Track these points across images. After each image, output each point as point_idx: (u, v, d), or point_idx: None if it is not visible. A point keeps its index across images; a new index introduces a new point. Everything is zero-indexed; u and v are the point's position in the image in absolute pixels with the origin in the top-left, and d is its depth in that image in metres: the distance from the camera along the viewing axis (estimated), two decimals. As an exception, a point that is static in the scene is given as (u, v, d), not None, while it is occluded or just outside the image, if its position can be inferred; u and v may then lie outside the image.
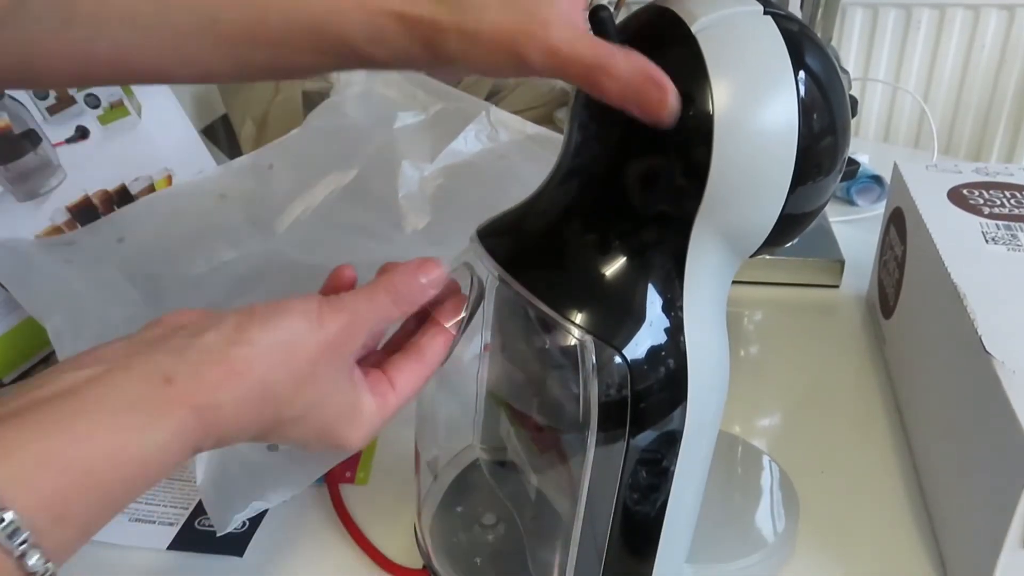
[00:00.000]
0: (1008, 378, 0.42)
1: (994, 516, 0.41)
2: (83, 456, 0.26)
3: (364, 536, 0.51)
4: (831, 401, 0.63)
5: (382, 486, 0.55)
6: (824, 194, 0.37)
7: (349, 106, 0.77)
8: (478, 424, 0.46)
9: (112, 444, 0.27)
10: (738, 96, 0.34)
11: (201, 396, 0.30)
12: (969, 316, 0.46)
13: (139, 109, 0.78)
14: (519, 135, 0.75)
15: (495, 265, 0.38)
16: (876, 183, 0.91)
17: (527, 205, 0.40)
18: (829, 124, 0.35)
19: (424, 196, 0.70)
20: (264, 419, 0.33)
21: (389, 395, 0.36)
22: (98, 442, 0.27)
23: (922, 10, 1.31)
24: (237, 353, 0.31)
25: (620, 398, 0.36)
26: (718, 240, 0.36)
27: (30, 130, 0.70)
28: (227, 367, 0.31)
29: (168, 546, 0.50)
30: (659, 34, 0.35)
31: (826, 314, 0.74)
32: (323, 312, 0.34)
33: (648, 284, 0.36)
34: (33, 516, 0.25)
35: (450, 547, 0.47)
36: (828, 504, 0.52)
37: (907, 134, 1.41)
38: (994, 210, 0.59)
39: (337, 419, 0.35)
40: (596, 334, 0.35)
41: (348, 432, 0.35)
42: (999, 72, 1.34)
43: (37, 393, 0.28)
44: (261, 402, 0.32)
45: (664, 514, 0.40)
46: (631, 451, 0.37)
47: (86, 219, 0.71)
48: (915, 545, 0.50)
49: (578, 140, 0.38)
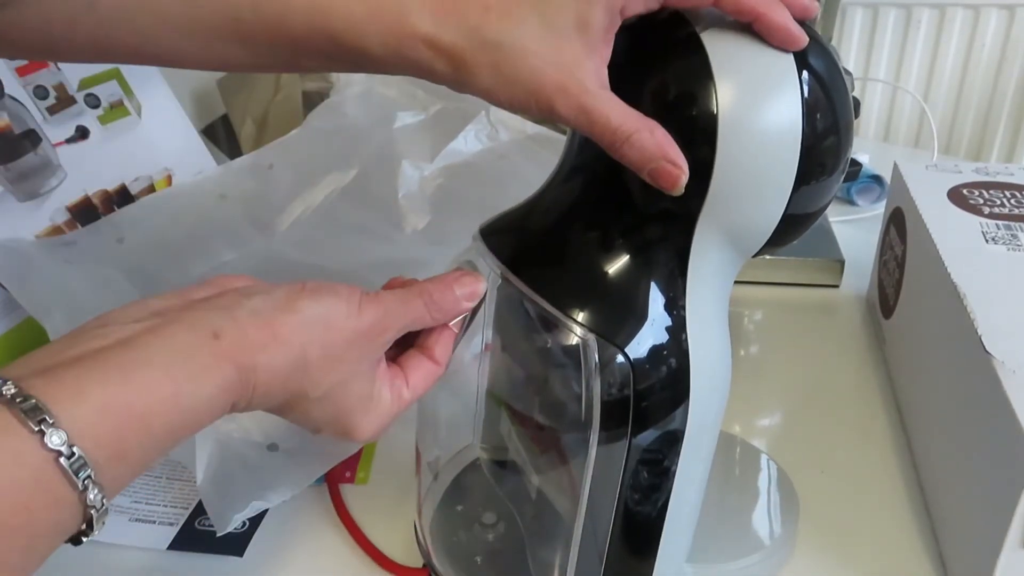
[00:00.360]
0: (1008, 378, 0.42)
1: (994, 516, 0.41)
2: (140, 403, 0.28)
3: (364, 536, 0.51)
4: (831, 401, 0.63)
5: (382, 486, 0.55)
6: (827, 194, 0.37)
7: (349, 106, 0.77)
8: (478, 424, 0.46)
9: (166, 393, 0.29)
10: (742, 96, 0.34)
11: (244, 356, 0.31)
12: (969, 316, 0.46)
13: (139, 109, 0.78)
14: (519, 135, 0.75)
15: (497, 263, 0.38)
16: (876, 183, 0.91)
17: (530, 203, 0.40)
18: (832, 124, 0.35)
19: (424, 196, 0.70)
20: (290, 390, 0.34)
21: (404, 391, 0.38)
22: (154, 391, 0.29)
23: (922, 10, 1.31)
24: (283, 320, 0.33)
25: (622, 397, 0.36)
26: (721, 239, 0.36)
27: (30, 130, 0.70)
28: (271, 332, 0.32)
29: (168, 546, 0.50)
30: (664, 34, 0.35)
31: (826, 314, 0.74)
32: (363, 301, 0.35)
33: (651, 283, 0.36)
34: (95, 454, 0.27)
35: (450, 546, 0.47)
36: (828, 504, 0.52)
37: (907, 134, 1.41)
38: (994, 210, 0.59)
39: (354, 406, 0.36)
40: (599, 332, 0.35)
41: (362, 421, 0.36)
42: (999, 72, 1.34)
43: (96, 343, 0.30)
44: (293, 372, 0.33)
45: (665, 514, 0.40)
46: (633, 450, 0.37)
47: (86, 219, 0.71)
48: (915, 545, 0.50)
49: (581, 138, 0.38)
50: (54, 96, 0.73)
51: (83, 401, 0.27)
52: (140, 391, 0.29)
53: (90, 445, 0.27)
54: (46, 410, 0.26)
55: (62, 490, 0.27)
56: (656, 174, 0.33)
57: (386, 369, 0.37)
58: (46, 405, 0.26)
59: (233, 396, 0.32)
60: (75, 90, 0.75)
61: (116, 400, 0.28)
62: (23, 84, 0.72)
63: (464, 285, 0.38)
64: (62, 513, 0.27)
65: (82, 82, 0.75)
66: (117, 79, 0.78)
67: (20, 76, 0.72)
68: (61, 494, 0.27)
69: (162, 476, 0.55)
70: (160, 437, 0.29)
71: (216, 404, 0.31)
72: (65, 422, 0.26)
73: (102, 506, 0.28)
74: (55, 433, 0.26)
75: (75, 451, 0.26)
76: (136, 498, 0.53)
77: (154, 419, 0.29)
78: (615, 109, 0.33)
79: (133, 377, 0.29)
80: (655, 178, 0.33)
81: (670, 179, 0.33)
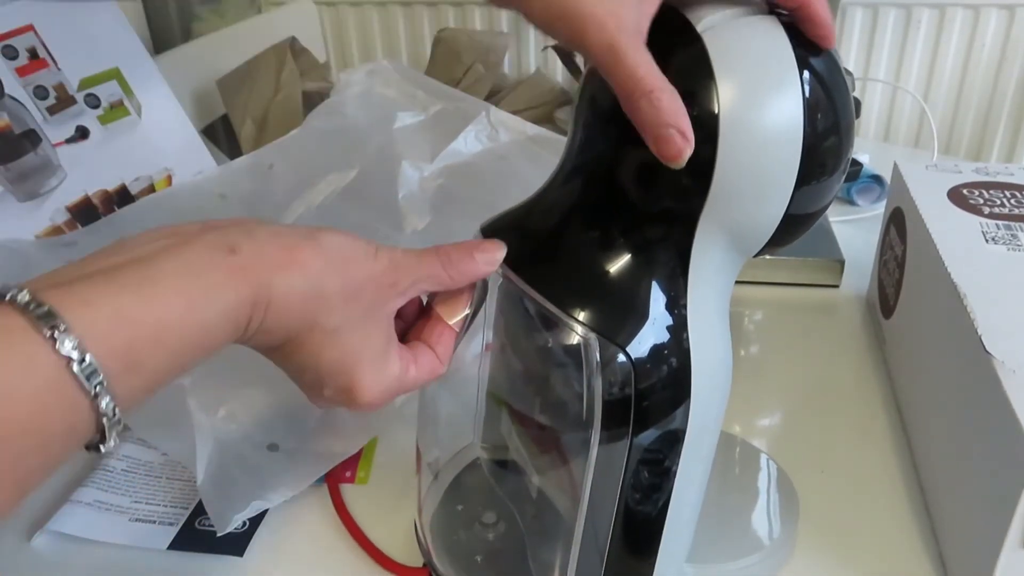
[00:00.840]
0: (1008, 378, 0.42)
1: (994, 516, 0.41)
2: (153, 316, 0.29)
3: (364, 535, 0.51)
4: (831, 401, 0.63)
5: (382, 485, 0.55)
6: (828, 194, 0.37)
7: (349, 106, 0.77)
8: (478, 423, 0.46)
9: (180, 307, 0.29)
10: (743, 95, 0.34)
11: (260, 272, 0.32)
12: (969, 316, 0.47)
13: (139, 109, 0.79)
14: (519, 135, 0.75)
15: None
16: (876, 183, 0.91)
17: (531, 203, 0.40)
18: (833, 124, 0.35)
19: (424, 196, 0.70)
20: (304, 317, 0.33)
21: (412, 368, 0.37)
22: (167, 305, 0.29)
23: (922, 10, 1.31)
24: (303, 244, 0.33)
25: (624, 396, 0.36)
26: (723, 238, 0.36)
27: (30, 130, 0.70)
28: (289, 254, 0.33)
29: (168, 546, 0.50)
30: (666, 33, 0.35)
31: (826, 314, 0.74)
32: (379, 248, 0.36)
33: (652, 282, 0.36)
34: (107, 363, 0.27)
35: (451, 545, 0.47)
36: (828, 504, 0.52)
37: (907, 134, 1.41)
38: (994, 210, 0.59)
39: (364, 359, 0.35)
40: (600, 332, 0.35)
41: (367, 378, 0.36)
42: (999, 72, 1.34)
43: (115, 259, 0.30)
44: (308, 298, 0.33)
45: (666, 513, 0.40)
46: (633, 450, 0.37)
47: (86, 219, 0.71)
48: (915, 545, 0.50)
49: (582, 138, 0.38)
50: (54, 96, 0.73)
51: (96, 311, 0.28)
52: (153, 304, 0.29)
53: (102, 353, 0.27)
54: (59, 317, 0.27)
55: (75, 396, 0.27)
56: (663, 140, 0.32)
57: (398, 342, 0.37)
58: (59, 313, 0.27)
59: (247, 313, 0.32)
60: (75, 90, 0.75)
61: (129, 311, 0.28)
62: (23, 84, 0.72)
63: (484, 250, 0.38)
64: (75, 418, 0.27)
65: (82, 82, 0.76)
66: (117, 79, 0.78)
67: (20, 76, 0.72)
68: (74, 400, 0.27)
69: (162, 476, 0.55)
70: (173, 351, 0.30)
71: (229, 320, 0.31)
72: (77, 329, 0.27)
73: (114, 415, 0.28)
74: (67, 339, 0.26)
75: (87, 358, 0.27)
76: (136, 498, 0.53)
77: (166, 332, 0.29)
78: (645, 60, 0.33)
79: (146, 291, 0.29)
80: (660, 144, 0.33)
81: (675, 148, 0.32)
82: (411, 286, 0.37)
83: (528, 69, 1.39)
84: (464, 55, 1.07)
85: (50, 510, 0.52)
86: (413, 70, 0.82)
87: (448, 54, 1.08)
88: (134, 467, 0.56)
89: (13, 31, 0.72)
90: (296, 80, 0.99)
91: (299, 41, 1.06)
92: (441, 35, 1.11)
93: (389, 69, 0.80)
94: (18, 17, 0.73)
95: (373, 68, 0.80)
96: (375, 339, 0.36)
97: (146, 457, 0.56)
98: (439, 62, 1.09)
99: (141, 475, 0.55)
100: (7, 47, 0.72)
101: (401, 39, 1.43)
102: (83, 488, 0.53)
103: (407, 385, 0.37)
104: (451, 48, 1.08)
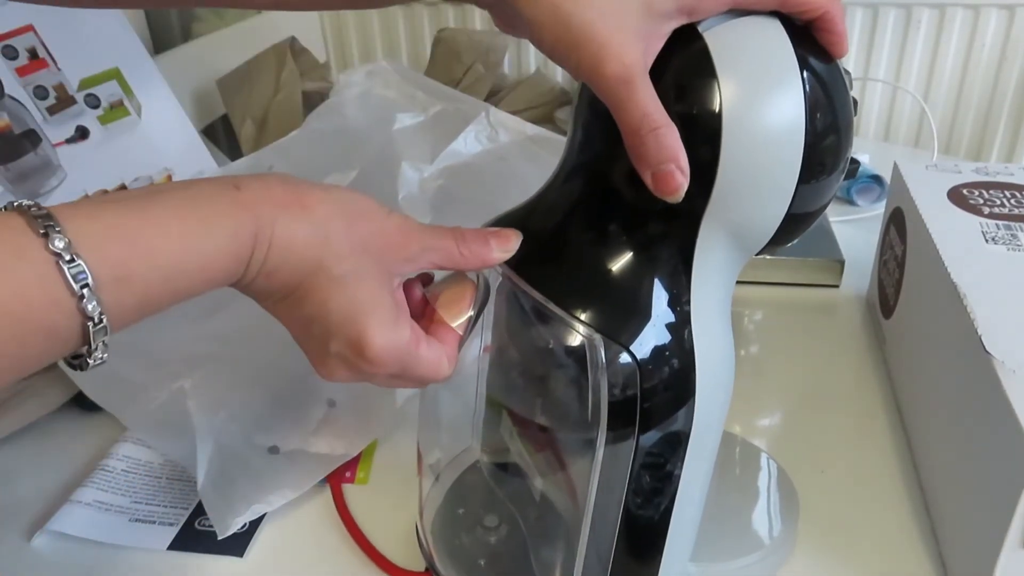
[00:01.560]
0: (1008, 378, 0.42)
1: (994, 516, 0.41)
2: (149, 235, 0.30)
3: (365, 537, 0.51)
4: (831, 401, 0.63)
5: (383, 486, 0.55)
6: (828, 193, 0.37)
7: (349, 107, 0.77)
8: (478, 427, 0.46)
9: (176, 232, 0.30)
10: (746, 95, 0.34)
11: (264, 208, 0.32)
12: (969, 316, 0.47)
13: (139, 109, 0.79)
14: (519, 136, 0.74)
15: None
16: (876, 183, 0.91)
17: (531, 204, 0.40)
18: (834, 123, 0.35)
19: (424, 197, 0.70)
20: (308, 259, 0.33)
21: (422, 345, 0.37)
22: (165, 226, 0.30)
23: (922, 10, 1.31)
24: (312, 191, 0.34)
25: (628, 396, 0.36)
26: (725, 237, 0.36)
27: (30, 130, 0.70)
28: (296, 197, 0.33)
29: (168, 546, 0.50)
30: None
31: (826, 314, 0.74)
32: (393, 211, 0.36)
33: (655, 281, 0.36)
34: (97, 270, 0.28)
35: (453, 549, 0.47)
36: (828, 504, 0.52)
37: (907, 134, 1.41)
38: (994, 210, 0.59)
39: (371, 311, 0.35)
40: (603, 332, 0.35)
41: (375, 330, 0.35)
42: (999, 72, 1.34)
43: (129, 192, 0.32)
44: (311, 243, 0.33)
45: (670, 514, 0.40)
46: (639, 450, 0.37)
47: (86, 219, 0.71)
48: (915, 545, 0.50)
49: (582, 138, 0.38)
50: (54, 96, 0.73)
51: (94, 222, 0.29)
52: (150, 224, 0.30)
53: (93, 259, 0.28)
54: (55, 220, 0.28)
55: (59, 294, 0.28)
56: (662, 177, 0.33)
57: (408, 315, 0.37)
58: (57, 217, 0.28)
59: (248, 245, 0.32)
60: (75, 90, 0.75)
61: (125, 226, 0.29)
62: (23, 84, 0.72)
63: (500, 237, 0.38)
64: (58, 316, 0.28)
65: (82, 82, 0.76)
66: (117, 79, 0.78)
67: (20, 76, 0.72)
68: (58, 296, 0.28)
69: (162, 476, 0.55)
70: (167, 274, 0.30)
71: (229, 253, 0.31)
72: (71, 232, 0.28)
73: (100, 322, 0.29)
74: (59, 238, 0.27)
75: (76, 258, 0.28)
76: (136, 498, 0.53)
77: (160, 253, 0.30)
78: (653, 95, 0.33)
79: (147, 212, 0.30)
80: (659, 180, 0.33)
81: (673, 184, 0.33)
82: (421, 253, 0.36)
83: (528, 69, 1.39)
84: (464, 55, 1.07)
85: (50, 510, 0.52)
86: (413, 71, 0.82)
87: (448, 54, 1.08)
88: (134, 467, 0.56)
89: (13, 31, 0.72)
90: (296, 80, 0.99)
91: (299, 41, 1.06)
92: (441, 35, 1.11)
93: (389, 70, 0.80)
94: (18, 17, 0.73)
95: (373, 69, 0.80)
96: (384, 299, 0.35)
97: (146, 457, 0.56)
98: (439, 62, 1.09)
99: (141, 475, 0.55)
100: (7, 47, 0.72)
101: (401, 39, 1.43)
102: (83, 488, 0.53)
103: (416, 361, 0.36)
104: (451, 48, 1.08)
